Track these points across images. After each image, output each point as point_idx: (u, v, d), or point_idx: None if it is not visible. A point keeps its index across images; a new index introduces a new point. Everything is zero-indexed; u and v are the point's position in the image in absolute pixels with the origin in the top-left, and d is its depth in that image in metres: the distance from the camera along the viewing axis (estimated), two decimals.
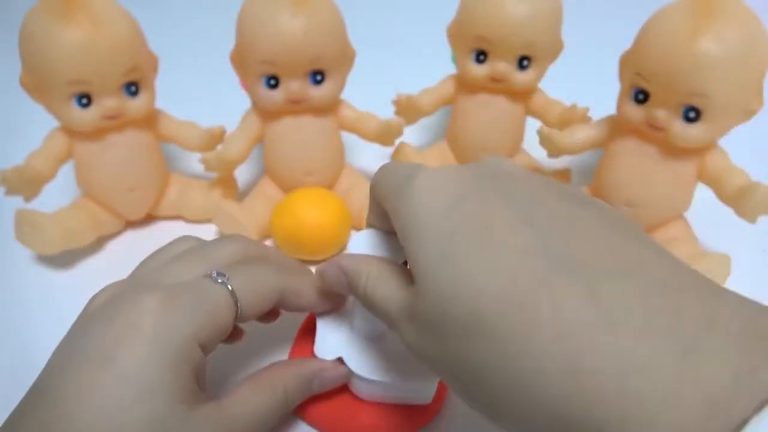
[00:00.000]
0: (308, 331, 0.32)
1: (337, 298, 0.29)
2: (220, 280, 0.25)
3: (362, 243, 0.28)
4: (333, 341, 0.29)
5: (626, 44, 0.36)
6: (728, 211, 0.36)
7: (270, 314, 0.30)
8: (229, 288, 0.25)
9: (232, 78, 0.41)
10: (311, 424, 0.30)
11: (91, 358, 0.21)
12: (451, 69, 0.45)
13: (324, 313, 0.30)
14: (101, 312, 0.23)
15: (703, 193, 0.37)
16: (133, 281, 0.26)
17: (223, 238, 0.28)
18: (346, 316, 0.30)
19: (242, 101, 0.44)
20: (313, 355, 0.29)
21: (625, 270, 0.17)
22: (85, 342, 0.22)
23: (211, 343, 0.24)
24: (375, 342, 0.29)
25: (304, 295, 0.28)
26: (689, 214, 0.39)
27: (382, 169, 0.25)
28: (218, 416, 0.23)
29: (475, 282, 0.17)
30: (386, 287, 0.22)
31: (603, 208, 0.20)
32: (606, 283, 0.16)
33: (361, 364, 0.28)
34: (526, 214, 0.18)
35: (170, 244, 0.28)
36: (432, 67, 0.46)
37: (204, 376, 0.25)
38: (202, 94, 0.56)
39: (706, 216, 0.39)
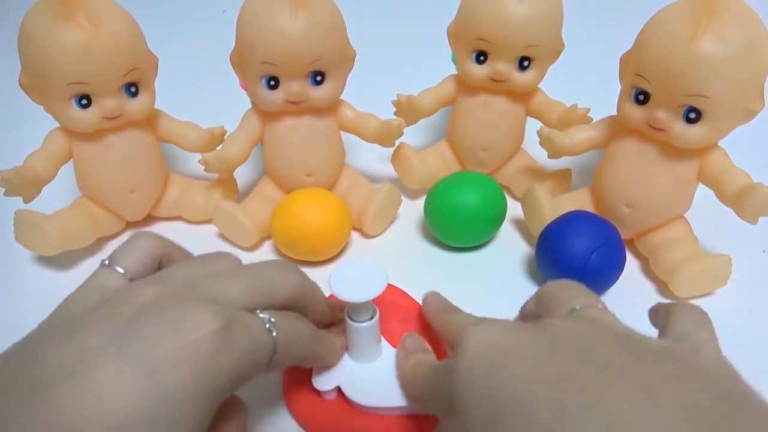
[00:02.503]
0: None
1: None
2: (274, 332, 0.22)
3: None
4: (330, 370, 0.29)
5: (626, 44, 0.36)
6: (728, 212, 0.36)
7: None
8: (274, 335, 0.22)
9: (232, 78, 0.41)
10: (309, 430, 0.30)
11: (132, 355, 0.18)
12: (451, 69, 0.45)
13: None
14: (155, 308, 0.20)
15: (703, 194, 0.37)
16: (174, 284, 0.22)
17: (279, 266, 0.25)
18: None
19: (242, 101, 0.44)
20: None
21: None
22: (130, 336, 0.19)
23: (237, 387, 0.22)
24: (372, 367, 0.29)
25: (321, 360, 0.28)
26: (689, 214, 0.39)
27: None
28: None
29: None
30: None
31: (693, 385, 0.18)
32: None
33: (359, 392, 0.28)
34: (564, 394, 0.18)
35: (210, 256, 0.26)
36: (432, 67, 0.46)
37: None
38: (202, 94, 0.56)
39: (706, 216, 0.39)
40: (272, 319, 0.23)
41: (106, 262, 0.24)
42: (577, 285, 0.25)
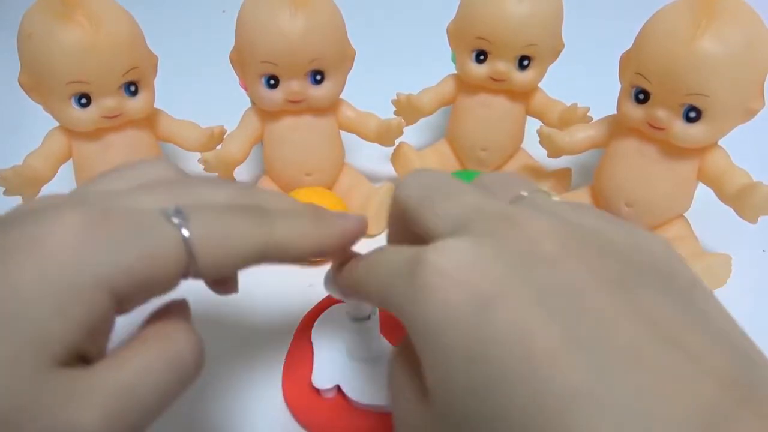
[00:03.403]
0: (306, 329, 0.32)
1: (339, 249, 0.23)
2: (176, 220, 0.18)
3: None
4: (330, 369, 0.29)
5: (626, 44, 0.36)
6: (728, 211, 0.36)
7: (227, 285, 0.23)
8: (185, 234, 0.18)
9: (232, 78, 0.41)
10: (308, 428, 0.30)
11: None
12: (451, 69, 0.45)
13: (320, 341, 0.30)
14: (16, 216, 0.18)
15: (703, 193, 0.37)
16: (73, 195, 0.20)
17: (215, 179, 0.22)
18: (342, 342, 0.30)
19: (242, 101, 0.44)
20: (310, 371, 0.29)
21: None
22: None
23: (133, 296, 0.18)
24: (372, 365, 0.29)
25: (293, 248, 0.21)
26: (689, 214, 0.39)
27: (370, 261, 0.20)
28: (95, 384, 0.16)
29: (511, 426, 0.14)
30: (403, 393, 0.18)
31: (670, 284, 0.16)
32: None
33: (360, 391, 0.28)
34: (571, 331, 0.14)
35: (141, 165, 0.22)
36: (432, 67, 0.46)
37: (103, 341, 0.18)
38: (202, 93, 0.56)
39: (707, 216, 0.38)
40: (179, 211, 0.18)
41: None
42: (518, 175, 0.22)
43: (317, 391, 0.29)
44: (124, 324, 0.19)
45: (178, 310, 0.20)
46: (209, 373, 0.33)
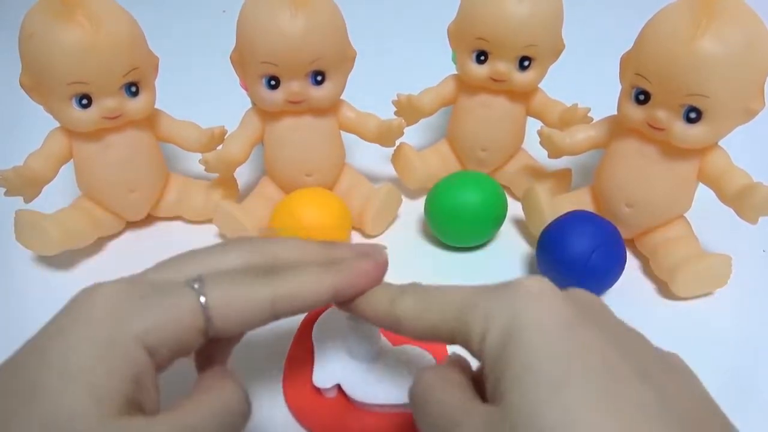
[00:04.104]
0: (307, 329, 0.32)
1: (357, 293, 0.24)
2: (196, 286, 0.21)
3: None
4: (331, 369, 0.29)
5: (626, 44, 0.36)
6: (728, 211, 0.36)
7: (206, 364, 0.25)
8: (202, 299, 0.21)
9: (232, 78, 0.41)
10: (309, 428, 0.30)
11: (35, 342, 0.20)
12: (451, 69, 0.45)
13: (321, 340, 0.30)
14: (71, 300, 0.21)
15: (703, 193, 0.37)
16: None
17: (228, 242, 0.24)
18: (342, 341, 0.30)
19: (242, 101, 0.44)
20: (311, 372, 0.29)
21: None
22: (43, 328, 0.20)
23: (165, 352, 0.20)
24: (372, 365, 0.29)
25: (302, 301, 0.22)
26: (689, 214, 0.39)
27: (432, 291, 0.22)
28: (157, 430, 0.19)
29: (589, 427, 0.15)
30: (459, 392, 0.20)
31: (686, 376, 0.19)
32: None
33: (360, 390, 0.28)
34: (640, 366, 0.17)
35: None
36: (432, 67, 0.46)
37: (153, 394, 0.20)
38: (202, 94, 0.56)
39: (707, 216, 0.39)
40: (197, 279, 0.21)
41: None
42: None
43: (318, 390, 0.29)
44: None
45: (224, 369, 0.23)
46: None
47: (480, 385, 0.20)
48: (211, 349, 0.24)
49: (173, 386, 0.22)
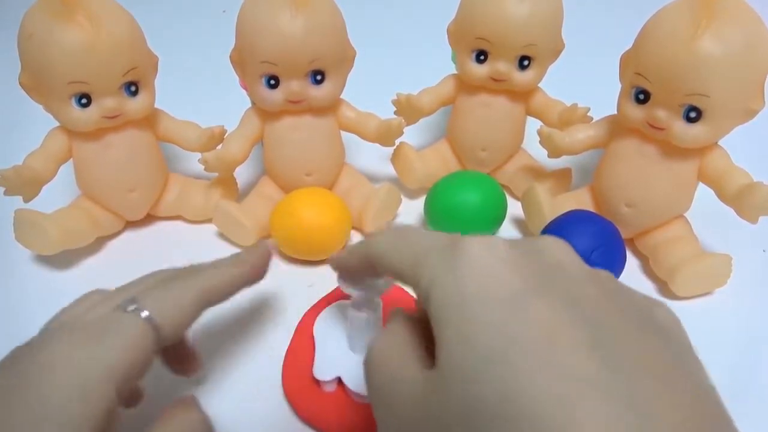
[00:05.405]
0: (308, 324, 0.32)
1: (257, 276, 0.29)
2: (130, 308, 0.23)
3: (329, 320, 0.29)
4: (331, 361, 0.29)
5: (626, 44, 0.36)
6: (728, 211, 0.36)
7: (188, 362, 0.29)
8: (143, 314, 0.23)
9: (232, 78, 0.41)
10: (308, 422, 0.30)
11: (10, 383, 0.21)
12: (451, 69, 0.45)
13: (322, 334, 0.31)
14: (12, 359, 0.22)
15: (703, 193, 0.37)
16: (43, 331, 0.25)
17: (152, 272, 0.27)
18: (343, 334, 0.30)
19: (242, 101, 0.44)
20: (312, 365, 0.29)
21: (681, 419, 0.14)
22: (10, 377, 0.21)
23: (131, 379, 0.22)
24: None
25: (229, 284, 0.27)
26: (689, 214, 0.39)
27: (397, 235, 0.21)
28: None
29: (524, 405, 0.15)
30: (399, 358, 0.20)
31: (658, 320, 0.18)
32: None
33: (360, 383, 0.28)
34: (593, 337, 0.16)
35: (80, 299, 0.26)
36: (432, 67, 0.46)
37: (116, 426, 0.22)
38: (202, 94, 0.56)
39: (707, 216, 0.39)
40: (130, 300, 0.23)
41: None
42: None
43: (318, 383, 0.29)
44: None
45: (187, 399, 0.24)
46: (210, 369, 0.33)
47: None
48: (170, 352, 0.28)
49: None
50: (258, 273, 0.29)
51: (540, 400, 0.14)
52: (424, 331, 0.20)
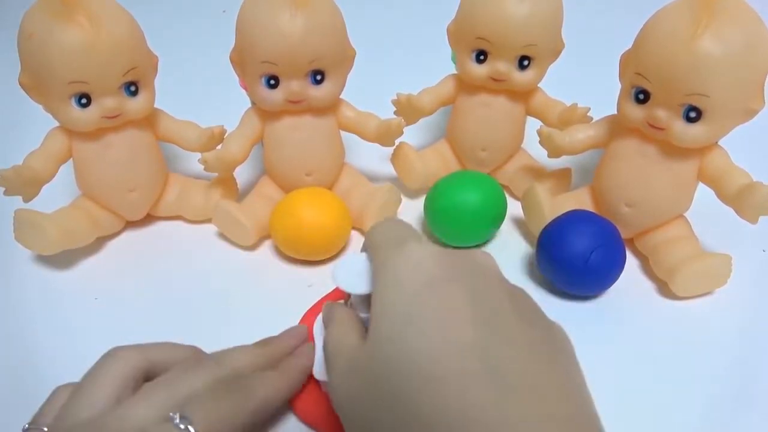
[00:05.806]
0: (308, 324, 0.32)
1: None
2: (182, 426, 0.22)
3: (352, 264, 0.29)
4: None
5: (626, 44, 0.36)
6: (728, 211, 0.36)
7: None
8: (191, 430, 0.22)
9: (232, 78, 0.41)
10: (305, 421, 0.30)
11: None
12: (451, 69, 0.45)
13: (322, 334, 0.30)
14: None
15: (703, 193, 0.37)
16: (76, 425, 0.23)
17: (191, 362, 0.26)
18: None
19: (242, 101, 0.44)
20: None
21: (539, 396, 0.18)
22: None
23: None
24: None
25: (274, 403, 0.27)
26: (689, 214, 0.39)
27: (382, 224, 0.26)
28: None
29: (411, 364, 0.19)
30: (345, 334, 0.24)
31: (551, 331, 0.22)
32: (516, 396, 0.18)
33: None
34: (482, 317, 0.20)
35: (53, 397, 0.25)
36: (432, 67, 0.46)
37: None
38: (202, 94, 0.56)
39: (706, 215, 0.38)
40: (183, 416, 0.22)
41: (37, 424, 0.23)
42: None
43: (318, 383, 0.29)
44: None
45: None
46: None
47: None
48: None
49: None
50: (304, 379, 0.29)
51: (429, 357, 0.19)
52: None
